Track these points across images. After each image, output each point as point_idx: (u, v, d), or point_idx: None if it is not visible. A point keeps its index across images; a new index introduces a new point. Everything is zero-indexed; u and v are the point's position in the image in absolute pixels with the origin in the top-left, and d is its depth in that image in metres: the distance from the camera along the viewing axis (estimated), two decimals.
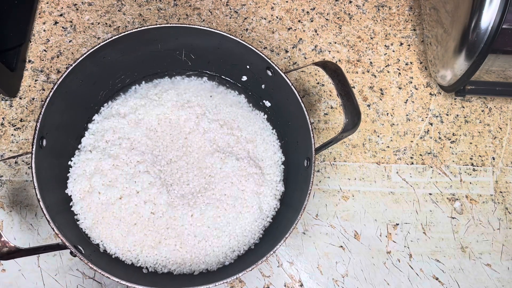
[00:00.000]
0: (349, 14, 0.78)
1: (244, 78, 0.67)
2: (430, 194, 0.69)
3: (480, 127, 0.73)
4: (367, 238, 0.67)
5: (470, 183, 0.70)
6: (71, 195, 0.60)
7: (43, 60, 0.72)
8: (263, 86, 0.65)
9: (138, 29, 0.59)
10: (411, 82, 0.75)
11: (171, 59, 0.66)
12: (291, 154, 0.65)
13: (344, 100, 0.55)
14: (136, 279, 0.52)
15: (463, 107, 0.74)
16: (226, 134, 0.64)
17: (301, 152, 0.60)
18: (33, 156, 0.53)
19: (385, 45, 0.76)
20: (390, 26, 0.77)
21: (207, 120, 0.64)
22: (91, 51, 0.57)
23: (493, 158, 0.72)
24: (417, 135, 0.72)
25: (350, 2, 0.78)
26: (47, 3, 0.75)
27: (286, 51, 0.75)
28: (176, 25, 0.60)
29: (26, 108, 0.69)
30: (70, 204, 0.60)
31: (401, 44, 0.77)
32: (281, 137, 0.66)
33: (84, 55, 0.57)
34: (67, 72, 0.56)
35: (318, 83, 0.74)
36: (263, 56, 0.60)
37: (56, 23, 0.74)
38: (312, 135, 0.57)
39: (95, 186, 0.59)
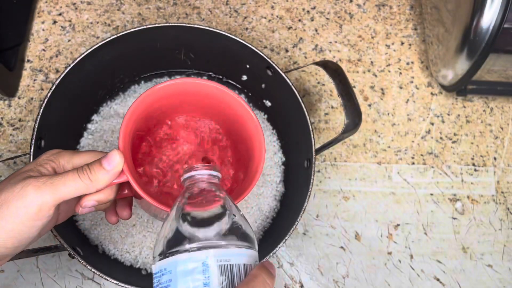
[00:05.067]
0: (349, 13, 0.77)
1: (244, 77, 0.66)
2: (431, 194, 0.69)
3: (482, 127, 0.73)
4: (368, 238, 0.66)
5: (472, 183, 0.70)
6: None
7: (42, 59, 0.71)
8: (263, 85, 0.65)
9: (137, 28, 0.58)
10: (412, 82, 0.74)
11: (170, 58, 0.66)
12: (291, 154, 0.64)
13: (345, 100, 0.55)
14: (135, 281, 0.51)
15: (465, 107, 0.74)
16: None
17: (301, 152, 0.60)
18: (31, 157, 0.53)
19: (386, 45, 0.76)
20: (391, 25, 0.77)
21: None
22: (90, 50, 0.57)
23: (495, 158, 0.71)
24: (418, 135, 0.72)
25: (351, 1, 0.78)
26: (45, 2, 0.74)
27: (286, 51, 0.74)
28: (176, 24, 0.59)
29: (25, 108, 0.69)
30: None
31: (402, 43, 0.76)
32: (281, 137, 0.66)
33: (83, 55, 0.57)
34: (65, 72, 0.56)
35: (318, 82, 0.73)
36: (263, 55, 0.60)
37: (55, 22, 0.73)
38: (312, 135, 0.57)
39: None
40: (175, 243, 0.35)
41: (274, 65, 0.59)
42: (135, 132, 0.50)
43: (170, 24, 0.59)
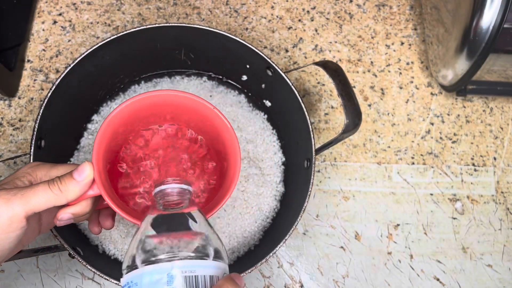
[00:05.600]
0: (349, 13, 0.77)
1: (244, 77, 0.66)
2: (431, 194, 0.69)
3: (482, 127, 0.73)
4: (367, 238, 0.66)
5: (471, 183, 0.70)
6: None
7: (42, 59, 0.71)
8: (263, 85, 0.65)
9: (138, 28, 0.58)
10: (412, 82, 0.74)
11: (170, 58, 0.66)
12: (291, 154, 0.64)
13: (345, 100, 0.55)
14: None
15: (464, 107, 0.74)
16: None
17: (301, 152, 0.60)
18: (31, 158, 0.53)
19: (386, 45, 0.76)
20: (391, 25, 0.77)
21: None
22: (90, 50, 0.57)
23: (495, 158, 0.71)
24: (418, 135, 0.72)
25: (351, 1, 0.78)
26: (46, 2, 0.74)
27: (286, 51, 0.74)
28: (176, 24, 0.59)
29: (25, 108, 0.69)
30: None
31: (402, 43, 0.76)
32: (281, 137, 0.66)
33: (83, 55, 0.57)
34: (65, 72, 0.56)
35: (318, 82, 0.73)
36: (263, 55, 0.60)
37: (55, 22, 0.73)
38: (312, 135, 0.57)
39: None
40: (142, 255, 0.36)
41: (274, 65, 0.59)
42: (111, 146, 0.50)
43: (170, 24, 0.59)
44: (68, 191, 0.41)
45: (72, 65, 0.56)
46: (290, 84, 0.59)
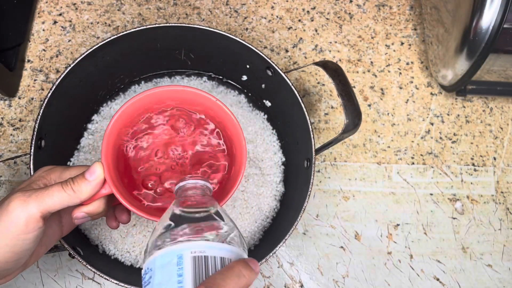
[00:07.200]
0: (349, 13, 0.77)
1: (244, 77, 0.66)
2: (431, 194, 0.69)
3: (481, 127, 0.73)
4: (367, 238, 0.66)
5: (471, 183, 0.70)
6: None
7: (42, 59, 0.71)
8: (263, 85, 0.65)
9: (138, 28, 0.58)
10: (412, 82, 0.74)
11: (170, 58, 0.66)
12: (291, 154, 0.64)
13: (345, 100, 0.55)
14: (135, 281, 0.51)
15: (464, 107, 0.74)
16: None
17: (301, 152, 0.60)
18: (31, 158, 0.53)
19: (385, 45, 0.76)
20: (391, 25, 0.77)
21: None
22: (90, 51, 0.57)
23: (494, 158, 0.71)
24: (418, 135, 0.72)
25: (351, 1, 0.78)
26: (46, 2, 0.74)
27: (286, 51, 0.74)
28: (176, 24, 0.59)
29: (25, 108, 0.69)
30: None
31: (402, 43, 0.76)
32: (281, 137, 0.66)
33: (83, 55, 0.57)
34: (65, 72, 0.56)
35: (318, 82, 0.73)
36: (263, 55, 0.60)
37: (55, 22, 0.73)
38: (312, 135, 0.57)
39: None
40: (157, 243, 0.37)
41: (274, 65, 0.59)
42: (120, 144, 0.50)
43: (170, 24, 0.59)
44: (80, 191, 0.43)
45: (72, 65, 0.56)
46: (290, 84, 0.59)
